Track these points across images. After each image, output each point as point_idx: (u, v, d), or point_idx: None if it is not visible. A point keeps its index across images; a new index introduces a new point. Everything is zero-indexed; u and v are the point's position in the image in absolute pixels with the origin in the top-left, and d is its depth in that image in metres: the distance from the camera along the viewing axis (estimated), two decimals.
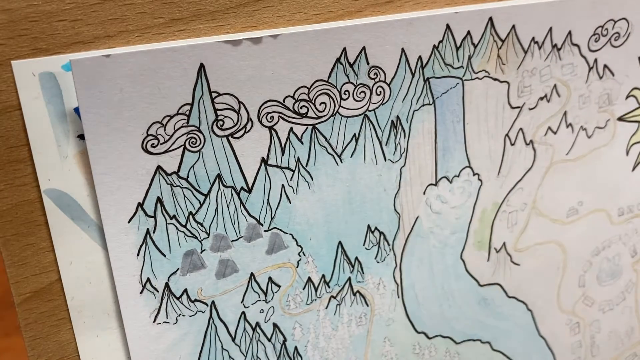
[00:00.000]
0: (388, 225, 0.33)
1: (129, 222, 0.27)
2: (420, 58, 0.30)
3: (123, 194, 0.26)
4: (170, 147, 0.26)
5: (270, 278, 0.30)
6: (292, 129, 0.29)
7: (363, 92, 0.30)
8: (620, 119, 0.38)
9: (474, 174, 0.34)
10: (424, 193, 0.33)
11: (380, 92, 0.30)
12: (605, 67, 0.36)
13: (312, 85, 0.28)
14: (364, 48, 0.29)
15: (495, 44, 0.32)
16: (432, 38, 0.30)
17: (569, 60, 0.35)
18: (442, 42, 0.31)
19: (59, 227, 0.26)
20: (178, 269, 0.28)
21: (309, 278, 0.31)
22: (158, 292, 0.28)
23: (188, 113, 0.26)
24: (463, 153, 0.33)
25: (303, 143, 0.29)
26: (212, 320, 0.30)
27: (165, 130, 0.26)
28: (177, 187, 0.27)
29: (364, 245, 0.32)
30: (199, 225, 0.28)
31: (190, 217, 0.28)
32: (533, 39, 0.33)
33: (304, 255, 0.31)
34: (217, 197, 0.28)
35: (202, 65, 0.26)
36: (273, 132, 0.28)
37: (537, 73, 0.34)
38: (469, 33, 0.31)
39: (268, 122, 0.28)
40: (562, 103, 0.35)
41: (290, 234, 0.30)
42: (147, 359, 0.28)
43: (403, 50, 0.30)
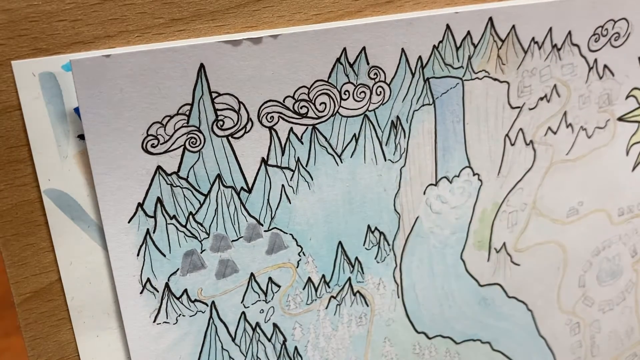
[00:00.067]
0: (388, 226, 0.33)
1: (129, 222, 0.27)
2: (420, 58, 0.30)
3: (123, 194, 0.26)
4: (170, 147, 0.26)
5: (270, 278, 0.30)
6: (292, 129, 0.29)
7: (363, 92, 0.30)
8: (620, 119, 0.38)
9: (474, 174, 0.34)
10: (424, 193, 0.33)
11: (380, 92, 0.30)
12: (605, 67, 0.36)
13: (312, 85, 0.28)
14: (364, 48, 0.29)
15: (495, 44, 0.32)
16: (432, 38, 0.30)
17: (569, 60, 0.35)
18: (442, 42, 0.31)
19: (59, 227, 0.26)
20: (178, 269, 0.28)
21: (309, 278, 0.31)
22: (158, 292, 0.28)
23: (188, 113, 0.26)
24: (463, 153, 0.33)
25: (303, 143, 0.29)
26: (212, 321, 0.30)
27: (165, 130, 0.26)
28: (177, 187, 0.27)
29: (364, 246, 0.32)
30: (199, 225, 0.28)
31: (190, 217, 0.28)
32: (533, 39, 0.33)
33: (304, 256, 0.31)
34: (217, 197, 0.28)
35: (202, 65, 0.26)
36: (273, 132, 0.28)
37: (537, 73, 0.34)
38: (469, 33, 0.31)
39: (268, 122, 0.28)
40: (562, 103, 0.35)
41: (290, 234, 0.30)
42: (147, 359, 0.28)
43: (403, 50, 0.30)
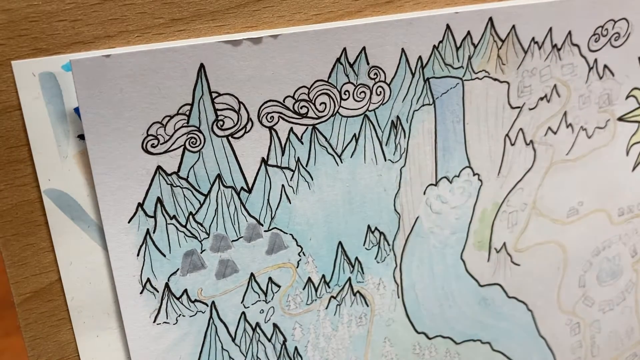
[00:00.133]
0: (388, 226, 0.33)
1: (129, 222, 0.27)
2: (420, 58, 0.30)
3: (123, 194, 0.26)
4: (170, 147, 0.26)
5: (270, 278, 0.30)
6: (292, 129, 0.29)
7: (363, 92, 0.30)
8: (620, 119, 0.38)
9: (474, 174, 0.34)
10: (424, 193, 0.33)
11: (380, 92, 0.30)
12: (605, 67, 0.36)
13: (312, 86, 0.28)
14: (364, 48, 0.29)
15: (495, 44, 0.32)
16: (432, 38, 0.30)
17: (569, 61, 0.35)
18: (442, 42, 0.31)
19: (59, 227, 0.26)
20: (178, 269, 0.28)
21: (309, 278, 0.31)
22: (158, 292, 0.28)
23: (188, 113, 0.26)
24: (463, 153, 0.33)
25: (303, 143, 0.29)
26: (212, 321, 0.30)
27: (165, 131, 0.26)
28: (177, 187, 0.27)
29: (364, 246, 0.32)
30: (199, 226, 0.28)
31: (190, 217, 0.28)
32: (533, 39, 0.33)
33: (304, 256, 0.31)
34: (217, 197, 0.28)
35: (202, 66, 0.26)
36: (273, 132, 0.28)
37: (537, 73, 0.34)
38: (469, 33, 0.31)
39: (268, 122, 0.28)
40: (562, 103, 0.35)
41: (290, 234, 0.30)
42: (147, 359, 0.28)
43: (403, 50, 0.30)
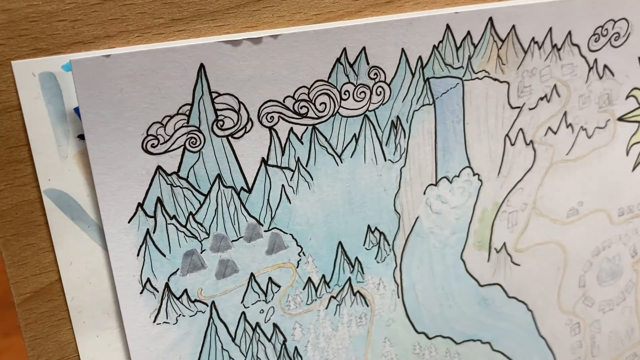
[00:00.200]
0: (388, 226, 0.33)
1: (129, 222, 0.27)
2: (420, 58, 0.30)
3: (123, 194, 0.26)
4: (170, 147, 0.26)
5: (270, 278, 0.30)
6: (292, 129, 0.29)
7: (363, 92, 0.30)
8: (620, 119, 0.38)
9: (474, 174, 0.34)
10: (424, 193, 0.33)
11: (380, 92, 0.30)
12: (605, 67, 0.36)
13: (312, 86, 0.28)
14: (364, 48, 0.29)
15: (495, 44, 0.32)
16: (432, 38, 0.30)
17: (569, 60, 0.35)
18: (442, 42, 0.31)
19: (59, 227, 0.26)
20: (178, 269, 0.28)
21: (309, 278, 0.31)
22: (158, 292, 0.28)
23: (188, 113, 0.26)
24: (463, 153, 0.33)
25: (303, 143, 0.29)
26: (212, 321, 0.30)
27: (165, 131, 0.26)
28: (177, 187, 0.27)
29: (364, 246, 0.32)
30: (199, 226, 0.28)
31: (190, 217, 0.28)
32: (533, 39, 0.33)
33: (304, 256, 0.31)
34: (217, 197, 0.28)
35: (202, 66, 0.26)
36: (273, 132, 0.28)
37: (537, 73, 0.34)
38: (469, 33, 0.31)
39: (268, 122, 0.28)
40: (562, 103, 0.35)
41: (290, 234, 0.30)
42: (147, 359, 0.28)
43: (403, 51, 0.30)
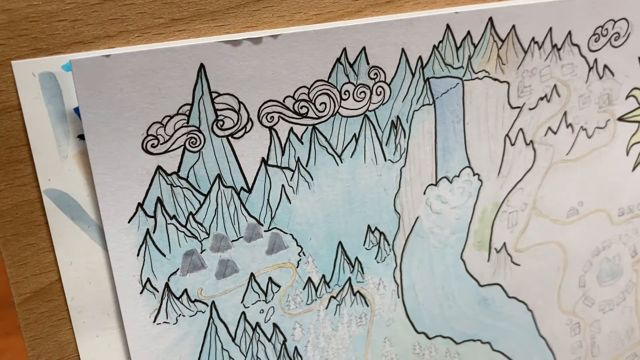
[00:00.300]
0: (388, 226, 0.33)
1: (129, 222, 0.27)
2: (420, 58, 0.30)
3: (123, 194, 0.26)
4: (170, 147, 0.26)
5: (270, 278, 0.30)
6: (292, 129, 0.29)
7: (363, 92, 0.30)
8: (621, 119, 0.38)
9: (474, 174, 0.34)
10: (424, 193, 0.33)
11: (381, 92, 0.30)
12: (605, 67, 0.36)
13: (312, 86, 0.28)
14: (364, 48, 0.29)
15: (495, 44, 0.32)
16: (432, 38, 0.30)
17: (569, 60, 0.35)
18: (442, 42, 0.31)
19: (59, 227, 0.26)
20: (178, 269, 0.28)
21: (309, 278, 0.31)
22: (158, 292, 0.28)
23: (188, 113, 0.26)
24: (463, 153, 0.33)
25: (303, 143, 0.29)
26: (212, 321, 0.30)
27: (165, 131, 0.26)
28: (177, 187, 0.27)
29: (364, 246, 0.32)
30: (199, 225, 0.28)
31: (190, 217, 0.28)
32: (533, 39, 0.33)
33: (304, 256, 0.31)
34: (217, 197, 0.28)
35: (202, 66, 0.26)
36: (273, 132, 0.28)
37: (537, 73, 0.34)
38: (469, 33, 0.31)
39: (268, 122, 0.28)
40: (562, 103, 0.35)
41: (290, 234, 0.30)
42: (147, 359, 0.28)
43: (403, 51, 0.30)
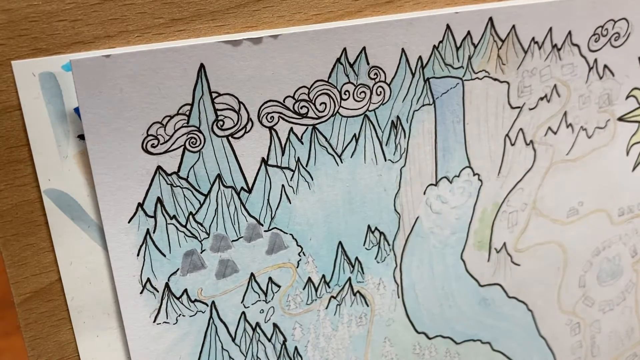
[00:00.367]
0: (388, 226, 0.33)
1: (129, 222, 0.27)
2: (421, 58, 0.30)
3: (123, 194, 0.26)
4: (170, 147, 0.26)
5: (271, 278, 0.30)
6: (292, 129, 0.29)
7: (363, 92, 0.30)
8: (621, 119, 0.38)
9: (474, 174, 0.34)
10: (424, 193, 0.33)
11: (381, 92, 0.30)
12: (605, 67, 0.36)
13: (312, 86, 0.28)
14: (364, 48, 0.29)
15: (495, 44, 0.32)
16: (432, 38, 0.30)
17: (569, 60, 0.35)
18: (442, 42, 0.31)
19: (59, 227, 0.26)
20: (178, 269, 0.28)
21: (309, 278, 0.31)
22: (158, 292, 0.28)
23: (188, 113, 0.26)
24: (463, 153, 0.33)
25: (303, 143, 0.29)
26: (212, 321, 0.30)
27: (165, 131, 0.26)
28: (177, 187, 0.27)
29: (364, 246, 0.32)
30: (199, 225, 0.28)
31: (190, 217, 0.28)
32: (533, 39, 0.33)
33: (304, 256, 0.31)
34: (217, 197, 0.28)
35: (202, 66, 0.26)
36: (273, 132, 0.28)
37: (537, 73, 0.34)
38: (469, 33, 0.31)
39: (268, 122, 0.28)
40: (562, 103, 0.35)
41: (291, 234, 0.30)
42: (147, 359, 0.28)
43: (403, 51, 0.30)
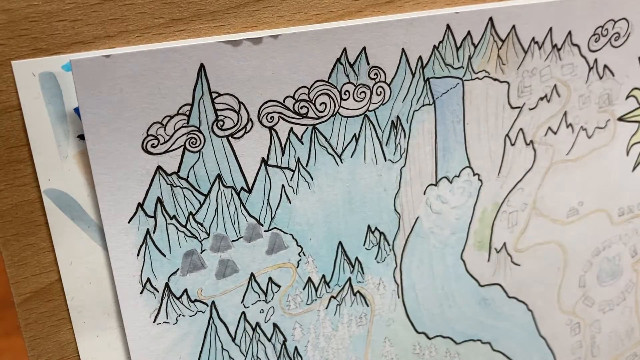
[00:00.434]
0: (388, 226, 0.33)
1: (129, 222, 0.27)
2: (421, 58, 0.30)
3: (123, 194, 0.26)
4: (170, 147, 0.26)
5: (271, 278, 0.30)
6: (292, 129, 0.29)
7: (363, 92, 0.30)
8: (621, 119, 0.38)
9: (474, 174, 0.34)
10: (424, 193, 0.33)
11: (381, 92, 0.30)
12: (605, 67, 0.36)
13: (312, 86, 0.28)
14: (364, 48, 0.29)
15: (496, 44, 0.32)
16: (432, 38, 0.30)
17: (569, 61, 0.35)
18: (442, 42, 0.31)
19: (59, 227, 0.26)
20: (178, 269, 0.28)
21: (309, 278, 0.31)
22: (158, 292, 0.28)
23: (188, 113, 0.26)
24: (463, 153, 0.33)
25: (303, 143, 0.29)
26: (212, 321, 0.30)
27: (165, 131, 0.26)
28: (177, 187, 0.27)
29: (364, 246, 0.32)
30: (199, 226, 0.28)
31: (190, 217, 0.28)
32: (533, 39, 0.33)
33: (304, 256, 0.31)
34: (217, 197, 0.28)
35: (202, 66, 0.26)
36: (273, 132, 0.28)
37: (537, 73, 0.34)
38: (469, 33, 0.31)
39: (268, 122, 0.28)
40: (562, 103, 0.35)
41: (291, 234, 0.30)
42: (147, 359, 0.28)
43: (403, 51, 0.30)
